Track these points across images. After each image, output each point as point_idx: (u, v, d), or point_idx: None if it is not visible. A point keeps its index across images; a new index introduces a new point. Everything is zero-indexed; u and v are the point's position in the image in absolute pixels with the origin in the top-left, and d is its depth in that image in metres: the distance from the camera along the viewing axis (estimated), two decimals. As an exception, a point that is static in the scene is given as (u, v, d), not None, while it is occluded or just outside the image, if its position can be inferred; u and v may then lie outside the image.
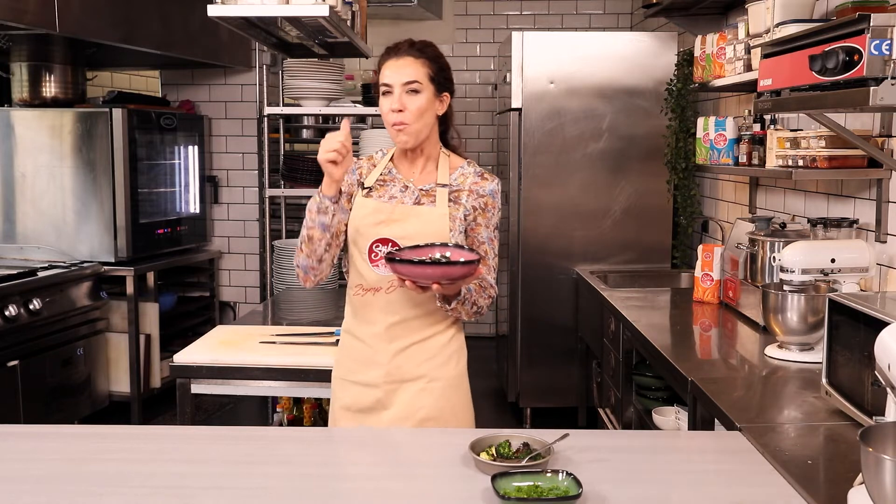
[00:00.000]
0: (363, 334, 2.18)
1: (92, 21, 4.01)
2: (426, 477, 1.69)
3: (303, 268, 2.13)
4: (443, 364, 2.17)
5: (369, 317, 2.16)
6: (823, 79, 1.93)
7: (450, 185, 2.16)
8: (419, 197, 2.15)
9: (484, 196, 2.16)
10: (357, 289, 2.18)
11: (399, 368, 2.15)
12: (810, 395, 2.14)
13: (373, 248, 2.12)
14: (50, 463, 1.74)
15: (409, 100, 2.08)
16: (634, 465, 1.74)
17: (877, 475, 1.26)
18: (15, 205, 4.61)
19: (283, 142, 5.30)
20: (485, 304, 2.15)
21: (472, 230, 2.16)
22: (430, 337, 2.16)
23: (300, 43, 4.16)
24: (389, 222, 2.12)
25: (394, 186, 2.17)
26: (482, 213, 2.17)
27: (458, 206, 2.14)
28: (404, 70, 2.09)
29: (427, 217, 2.12)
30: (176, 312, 5.14)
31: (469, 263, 1.93)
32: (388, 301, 2.13)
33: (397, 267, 1.95)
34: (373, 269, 2.13)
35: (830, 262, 2.51)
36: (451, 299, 2.08)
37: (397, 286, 2.07)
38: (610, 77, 4.52)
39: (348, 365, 2.22)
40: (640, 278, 4.31)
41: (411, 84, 2.08)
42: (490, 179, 2.19)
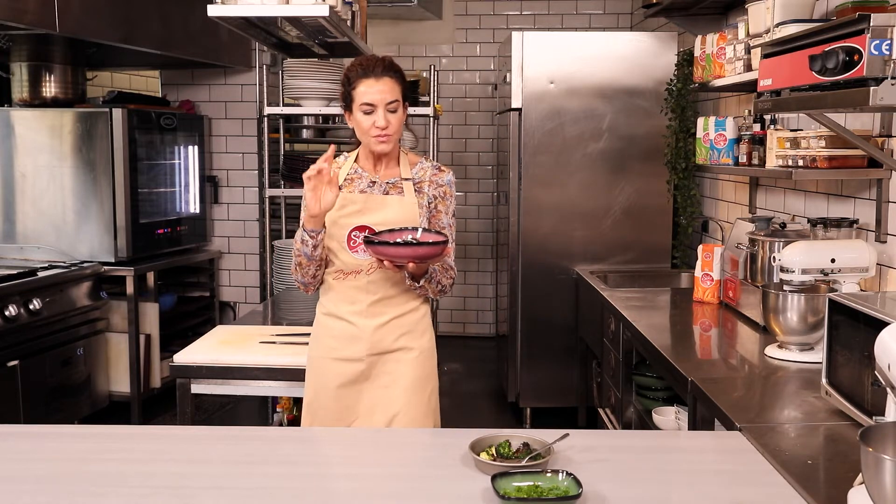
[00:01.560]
0: (345, 313, 2.39)
1: (92, 21, 4.01)
2: (426, 477, 1.70)
3: (300, 283, 2.41)
4: (419, 336, 2.43)
5: (351, 297, 2.38)
6: (823, 79, 1.93)
7: (412, 178, 2.41)
8: (387, 189, 2.40)
9: (442, 185, 2.43)
10: (337, 273, 2.40)
11: (380, 341, 2.38)
12: (810, 395, 2.14)
13: (351, 236, 2.35)
14: (50, 463, 1.74)
15: (392, 117, 2.32)
16: (634, 465, 1.74)
17: (877, 475, 1.26)
18: (15, 205, 4.61)
19: (283, 142, 5.29)
20: (447, 283, 2.42)
21: (433, 217, 2.42)
22: (406, 313, 2.41)
23: (300, 43, 4.16)
24: (365, 211, 2.35)
25: (361, 182, 2.41)
26: (441, 201, 2.43)
27: (422, 195, 2.40)
28: (386, 92, 2.31)
29: (399, 206, 2.37)
30: (176, 312, 5.14)
31: (438, 244, 2.20)
32: (369, 281, 2.37)
33: (376, 249, 2.20)
34: (352, 255, 2.36)
35: (830, 262, 2.51)
36: (420, 278, 2.34)
37: (377, 268, 2.32)
38: (610, 77, 4.52)
39: (330, 343, 2.41)
40: (640, 278, 4.31)
41: (393, 104, 2.32)
42: (446, 171, 2.46)
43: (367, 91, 2.30)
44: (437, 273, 2.38)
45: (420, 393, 2.41)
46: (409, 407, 2.37)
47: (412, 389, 2.39)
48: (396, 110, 2.33)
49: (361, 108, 2.32)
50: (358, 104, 2.32)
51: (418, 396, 2.40)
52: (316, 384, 2.44)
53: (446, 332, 6.55)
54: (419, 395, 2.40)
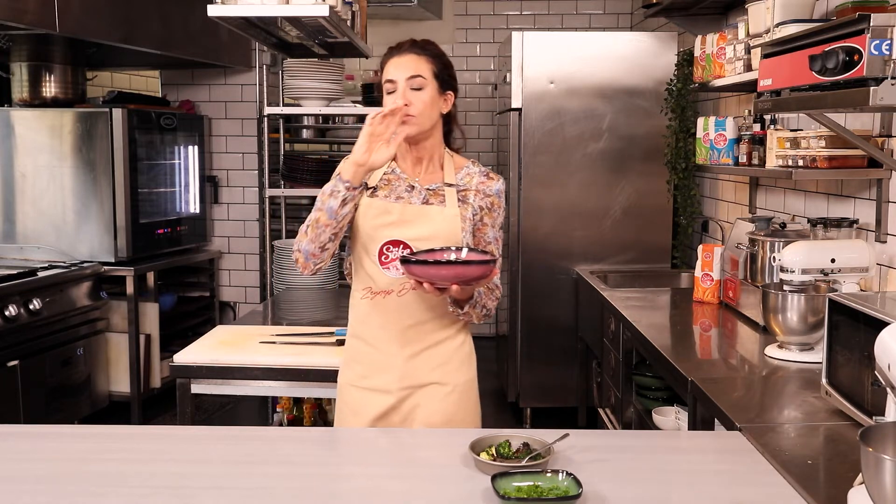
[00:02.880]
0: (374, 338, 2.13)
1: (92, 21, 4.01)
2: (426, 477, 1.69)
3: (304, 252, 2.05)
4: (455, 369, 2.15)
5: (380, 321, 2.12)
6: (823, 79, 1.93)
7: (456, 184, 2.14)
8: (427, 197, 2.12)
9: (490, 196, 2.16)
10: (365, 292, 2.13)
11: (412, 373, 2.12)
12: (810, 395, 2.14)
13: (383, 251, 2.08)
14: (50, 463, 1.74)
15: (414, 95, 2.06)
16: (634, 465, 1.74)
17: (877, 475, 1.26)
18: (15, 205, 4.61)
19: (283, 142, 5.30)
20: (493, 305, 2.15)
21: (478, 230, 2.15)
22: (442, 341, 2.14)
23: (300, 43, 4.16)
24: (400, 223, 2.08)
25: (399, 186, 2.13)
26: (488, 213, 2.16)
27: (467, 205, 2.13)
28: (408, 65, 2.08)
29: (438, 218, 2.09)
30: (176, 312, 5.14)
31: (485, 264, 1.93)
32: (401, 304, 2.10)
33: (413, 268, 1.92)
34: (383, 272, 2.09)
35: (830, 262, 2.51)
36: (464, 303, 2.07)
37: (410, 289, 2.05)
38: (610, 77, 4.52)
39: (359, 370, 2.17)
40: (640, 278, 4.31)
41: (415, 79, 2.06)
42: (496, 179, 2.18)
43: (388, 68, 2.09)
44: (481, 296, 2.10)
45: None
46: None
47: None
48: (422, 88, 2.06)
49: (385, 88, 2.08)
50: (383, 84, 2.10)
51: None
52: (345, 412, 2.20)
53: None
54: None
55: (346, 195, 1.99)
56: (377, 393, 2.14)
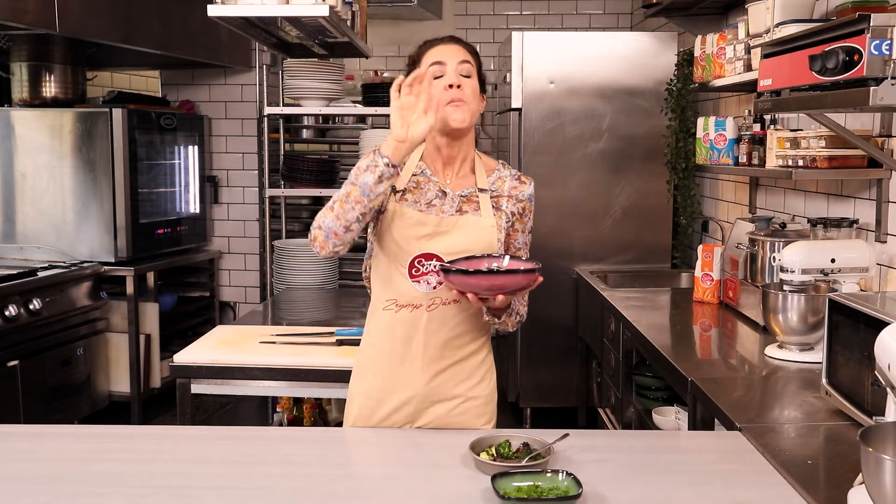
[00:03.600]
0: (396, 353, 2.02)
1: (92, 21, 4.01)
2: (426, 477, 1.69)
3: (325, 230, 1.90)
4: (477, 383, 2.08)
5: (405, 335, 2.01)
6: (823, 79, 1.93)
7: (490, 189, 2.05)
8: (460, 204, 2.01)
9: (522, 201, 2.10)
10: (389, 303, 2.02)
11: (435, 390, 2.03)
12: (810, 395, 2.14)
13: (414, 264, 1.97)
14: (50, 463, 1.74)
15: (464, 81, 1.96)
16: (634, 465, 1.74)
17: (877, 475, 1.26)
18: (15, 205, 4.61)
19: (283, 142, 5.30)
20: (525, 311, 2.11)
21: (508, 236, 2.10)
22: (467, 357, 2.06)
23: (300, 43, 4.16)
24: (435, 236, 1.97)
25: (429, 190, 2.02)
26: (520, 219, 2.11)
27: (501, 213, 2.05)
28: (458, 52, 1.99)
29: (474, 229, 2.00)
30: (176, 312, 5.14)
31: (531, 272, 1.88)
32: (430, 320, 1.99)
33: (460, 279, 1.83)
34: (413, 285, 1.98)
35: (830, 262, 2.51)
36: (502, 312, 2.02)
37: (441, 304, 1.98)
38: (610, 77, 4.51)
39: (376, 383, 2.06)
40: (640, 278, 4.31)
41: (465, 65, 1.98)
42: (528, 183, 2.11)
43: (435, 52, 1.99)
44: (515, 303, 2.05)
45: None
46: None
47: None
48: (471, 76, 1.98)
49: (432, 73, 1.93)
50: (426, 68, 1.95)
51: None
52: (355, 421, 2.10)
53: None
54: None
55: (384, 171, 1.84)
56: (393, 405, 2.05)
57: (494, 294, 1.85)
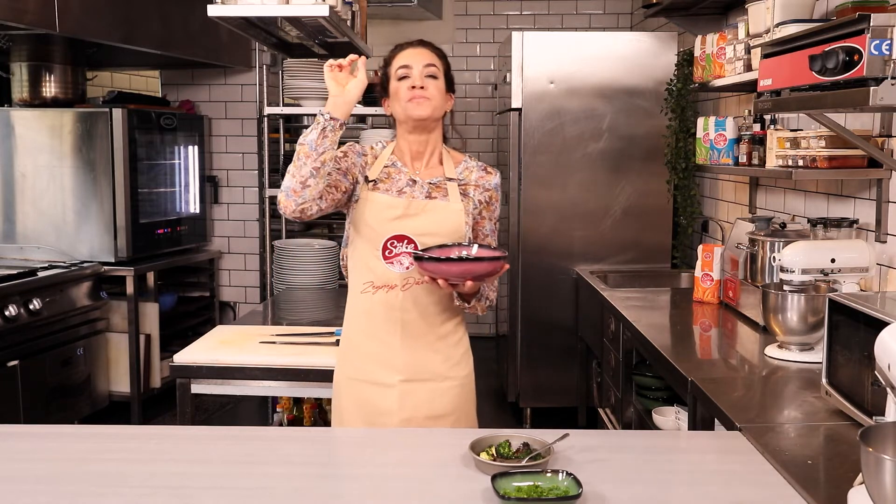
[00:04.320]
0: (376, 332, 2.16)
1: (92, 21, 4.01)
2: (426, 477, 1.69)
3: (285, 190, 2.02)
4: (455, 364, 2.20)
5: (383, 315, 2.14)
6: (823, 79, 1.93)
7: (457, 178, 2.19)
8: (429, 191, 2.16)
9: (489, 190, 2.22)
10: (366, 286, 2.15)
11: (414, 367, 2.15)
12: (810, 395, 2.14)
13: (387, 245, 2.11)
14: (50, 463, 1.74)
15: (429, 82, 2.13)
16: (634, 465, 1.74)
17: (877, 475, 1.26)
18: (15, 205, 4.61)
19: (283, 142, 5.30)
20: (494, 296, 2.23)
21: (476, 224, 2.21)
22: (444, 336, 2.18)
23: (300, 43, 4.16)
24: (405, 218, 2.11)
25: (400, 179, 2.17)
26: (486, 207, 2.23)
27: (468, 199, 2.18)
28: (424, 55, 2.16)
29: (443, 212, 2.13)
30: (176, 312, 5.14)
31: (498, 259, 2.01)
32: (405, 299, 2.13)
33: (431, 266, 1.98)
34: (387, 266, 2.12)
35: (830, 262, 2.51)
36: (471, 297, 2.15)
37: (415, 283, 2.11)
38: (610, 77, 4.52)
39: (358, 364, 2.19)
40: (640, 278, 4.31)
41: (431, 68, 2.14)
42: (493, 173, 2.25)
43: (403, 56, 2.15)
44: (485, 288, 2.19)
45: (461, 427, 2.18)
46: None
47: (452, 424, 2.18)
48: (436, 77, 2.13)
49: (397, 74, 2.13)
50: (394, 72, 2.14)
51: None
52: (341, 407, 2.22)
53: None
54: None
55: (326, 124, 1.99)
56: (378, 387, 2.17)
57: (464, 280, 2.00)
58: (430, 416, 2.16)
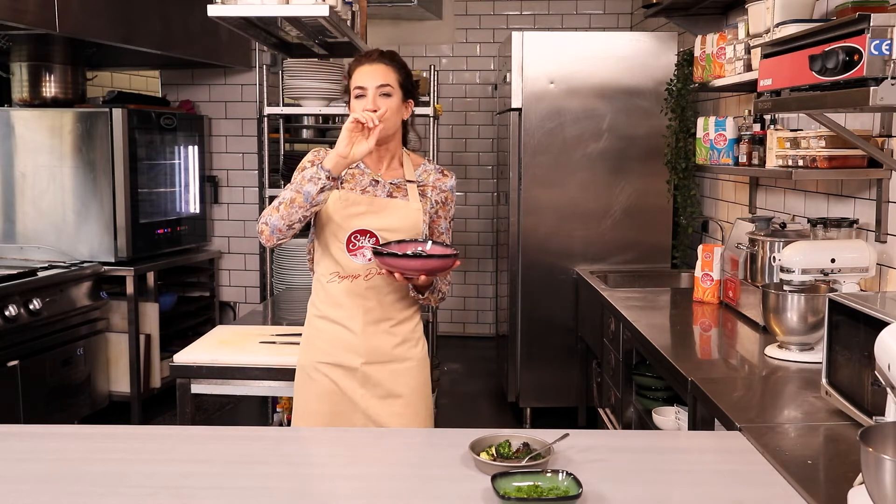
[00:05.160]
0: (340, 317, 2.32)
1: (92, 21, 4.01)
2: (426, 477, 1.69)
3: (271, 227, 2.19)
4: (412, 346, 2.38)
5: (348, 301, 2.31)
6: (823, 79, 1.93)
7: (416, 180, 2.35)
8: (391, 190, 2.33)
9: (445, 191, 2.39)
10: (332, 276, 2.32)
11: (375, 350, 2.32)
12: (810, 395, 2.14)
13: (351, 239, 2.27)
14: (50, 463, 1.74)
15: (382, 101, 2.26)
16: (634, 465, 1.74)
17: (877, 475, 1.26)
18: (15, 205, 4.61)
19: (283, 142, 5.29)
20: (446, 290, 2.43)
21: (433, 222, 2.38)
22: (402, 321, 2.36)
23: (300, 43, 4.16)
24: (367, 214, 2.28)
25: (363, 179, 2.33)
26: (442, 207, 2.39)
27: (426, 199, 2.35)
28: (378, 74, 2.27)
29: (403, 210, 2.30)
30: (176, 312, 5.14)
31: (449, 257, 2.19)
32: (367, 287, 2.30)
33: (386, 260, 2.16)
34: (351, 259, 2.28)
35: (830, 262, 2.51)
36: (425, 290, 2.33)
37: (377, 274, 2.27)
38: (610, 77, 4.52)
39: (323, 348, 2.34)
40: (640, 278, 4.31)
41: (384, 87, 2.27)
42: (450, 176, 2.41)
43: (359, 75, 2.28)
44: (438, 282, 2.37)
45: (417, 404, 2.36)
46: (407, 419, 2.32)
47: (409, 400, 2.34)
48: (390, 95, 2.27)
49: (354, 93, 2.29)
50: (352, 89, 2.29)
51: (415, 408, 2.35)
52: (306, 390, 2.36)
53: (446, 332, 6.55)
54: (416, 407, 2.36)
55: (326, 184, 2.14)
56: (342, 369, 2.32)
57: (418, 274, 2.18)
58: (390, 395, 2.33)
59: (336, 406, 2.32)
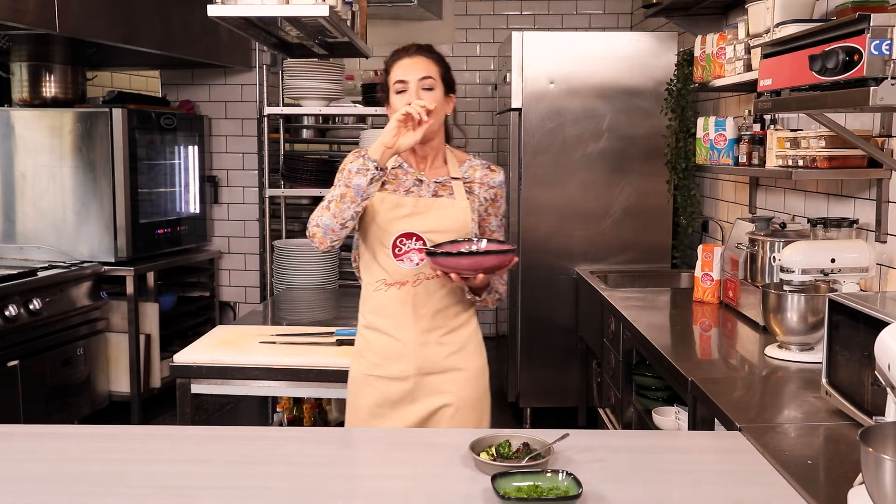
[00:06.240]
0: (389, 328, 2.20)
1: (92, 21, 4.01)
2: (426, 477, 1.69)
3: (323, 227, 2.08)
4: (469, 354, 2.26)
5: (396, 310, 2.19)
6: (823, 79, 1.93)
7: (462, 177, 2.23)
8: (435, 189, 2.21)
9: (494, 187, 2.27)
10: (379, 284, 2.20)
11: (428, 360, 2.20)
12: (810, 395, 2.14)
13: (397, 243, 2.16)
14: (50, 463, 1.74)
15: (425, 95, 2.14)
16: (634, 465, 1.74)
17: (877, 475, 1.26)
18: (15, 205, 4.61)
19: (283, 142, 5.30)
20: (503, 290, 2.29)
21: (483, 220, 2.26)
22: (456, 328, 2.23)
23: (300, 43, 4.15)
24: (413, 216, 2.16)
25: (406, 180, 2.22)
26: (492, 204, 2.27)
27: (473, 197, 2.23)
28: (419, 67, 2.17)
29: (449, 210, 2.18)
30: (176, 312, 5.14)
31: (506, 252, 2.07)
32: (417, 294, 2.18)
33: (442, 260, 2.05)
34: (398, 264, 2.17)
35: (830, 262, 2.51)
36: (482, 291, 2.21)
37: (425, 279, 2.16)
38: (610, 77, 4.52)
39: (374, 360, 2.23)
40: (640, 278, 4.31)
41: (426, 80, 2.16)
42: (497, 171, 2.29)
43: (399, 69, 2.17)
44: (494, 282, 2.24)
45: (470, 417, 2.24)
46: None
47: (463, 413, 2.22)
48: (432, 88, 2.16)
49: (394, 88, 2.16)
50: (392, 85, 2.17)
51: (469, 421, 2.23)
52: (357, 403, 2.25)
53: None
54: (470, 420, 2.24)
55: (375, 174, 2.04)
56: (393, 381, 2.20)
57: (475, 273, 2.06)
58: (443, 407, 2.21)
59: (387, 421, 2.22)
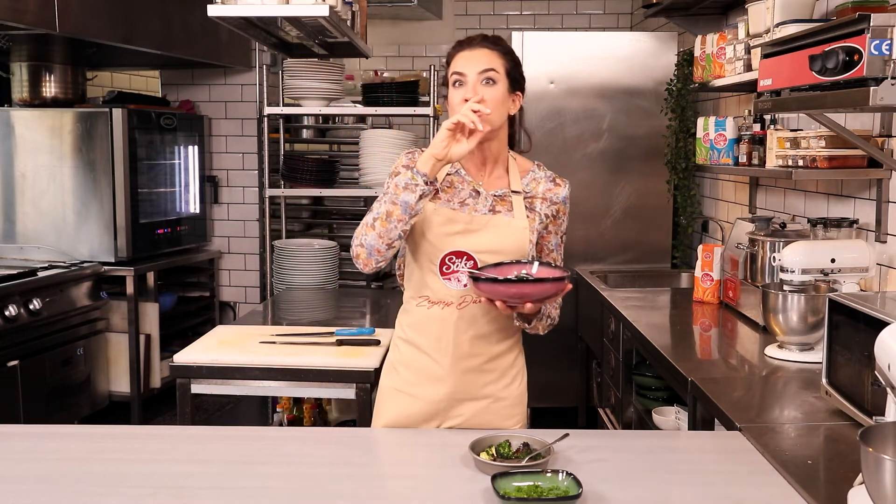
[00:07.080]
0: (428, 348, 2.03)
1: (92, 21, 4.01)
2: (426, 477, 1.69)
3: (368, 248, 1.91)
4: (507, 385, 2.10)
5: (437, 331, 2.01)
6: (823, 79, 1.93)
7: (523, 191, 2.05)
8: (493, 203, 2.02)
9: (557, 203, 2.08)
10: (422, 300, 2.03)
11: (464, 388, 2.03)
12: (810, 395, 2.14)
13: (445, 261, 1.98)
14: (50, 463, 1.74)
15: (485, 90, 1.95)
16: (634, 465, 1.74)
17: (877, 475, 1.26)
18: (15, 205, 4.61)
19: (283, 142, 5.29)
20: (556, 314, 2.10)
21: (542, 238, 2.08)
22: (497, 357, 2.06)
23: (300, 43, 4.16)
24: (466, 233, 1.98)
25: (463, 189, 2.03)
26: (553, 221, 2.09)
27: (534, 214, 2.04)
28: (480, 59, 1.97)
29: (506, 229, 1.99)
30: (176, 312, 5.13)
31: (559, 280, 1.86)
32: (460, 317, 2.00)
33: (487, 287, 1.85)
34: (444, 283, 1.99)
35: (830, 262, 2.51)
36: (532, 317, 2.01)
37: (472, 302, 1.98)
38: (610, 77, 4.51)
39: (408, 377, 2.07)
40: (640, 278, 4.31)
41: (487, 73, 1.96)
42: (563, 185, 2.11)
43: (458, 61, 1.98)
44: (547, 307, 2.03)
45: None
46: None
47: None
48: (494, 82, 1.95)
49: (451, 80, 1.97)
50: (450, 77, 1.98)
51: None
52: (384, 413, 2.10)
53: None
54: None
55: (424, 189, 1.87)
56: (423, 402, 2.05)
57: (522, 302, 1.85)
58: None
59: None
